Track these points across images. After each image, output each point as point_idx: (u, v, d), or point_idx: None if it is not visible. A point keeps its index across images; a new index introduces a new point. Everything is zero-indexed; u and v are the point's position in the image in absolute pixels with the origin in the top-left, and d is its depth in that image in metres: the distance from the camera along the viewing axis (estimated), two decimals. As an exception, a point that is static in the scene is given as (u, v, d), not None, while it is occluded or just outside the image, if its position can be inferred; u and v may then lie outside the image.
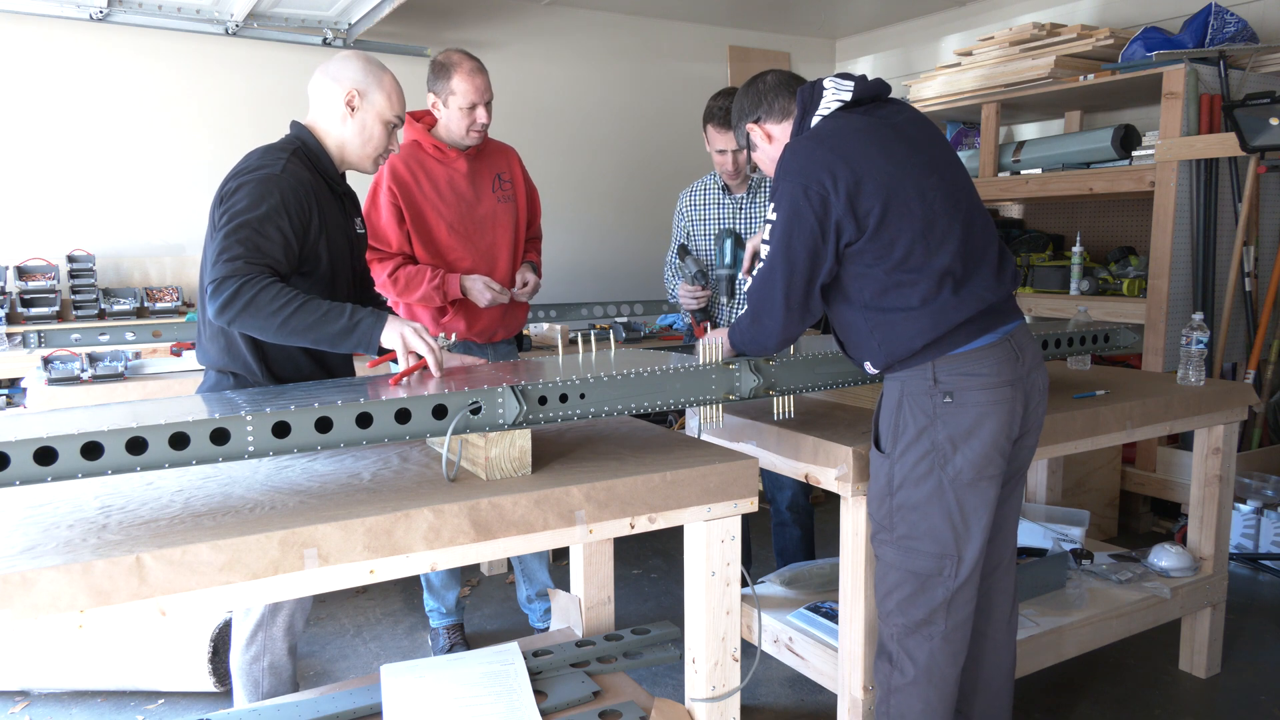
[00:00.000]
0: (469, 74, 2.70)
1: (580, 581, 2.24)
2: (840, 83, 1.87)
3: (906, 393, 1.81)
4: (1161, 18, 4.26)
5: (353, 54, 2.09)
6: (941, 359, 1.78)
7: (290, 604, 2.10)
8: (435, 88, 2.75)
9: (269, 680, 2.09)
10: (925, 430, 1.79)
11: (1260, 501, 3.61)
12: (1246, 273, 3.82)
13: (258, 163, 1.94)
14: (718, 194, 3.09)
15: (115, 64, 4.22)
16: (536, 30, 5.25)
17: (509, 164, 2.95)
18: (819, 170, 1.75)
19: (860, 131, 1.80)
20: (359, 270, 2.23)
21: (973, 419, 1.77)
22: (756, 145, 2.00)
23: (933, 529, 1.80)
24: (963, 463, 1.78)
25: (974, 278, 1.79)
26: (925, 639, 1.84)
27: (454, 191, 2.80)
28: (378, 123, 2.07)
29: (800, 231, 1.77)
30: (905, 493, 1.81)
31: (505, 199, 2.89)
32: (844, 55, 6.23)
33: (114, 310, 3.92)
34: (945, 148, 1.89)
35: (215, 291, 1.80)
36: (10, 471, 1.27)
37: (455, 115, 2.73)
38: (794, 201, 1.77)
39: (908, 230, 1.75)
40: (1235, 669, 2.80)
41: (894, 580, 1.86)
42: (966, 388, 1.77)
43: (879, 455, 1.86)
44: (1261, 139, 3.45)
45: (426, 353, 1.81)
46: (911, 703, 1.86)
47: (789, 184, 1.78)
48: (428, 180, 2.78)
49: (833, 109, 1.85)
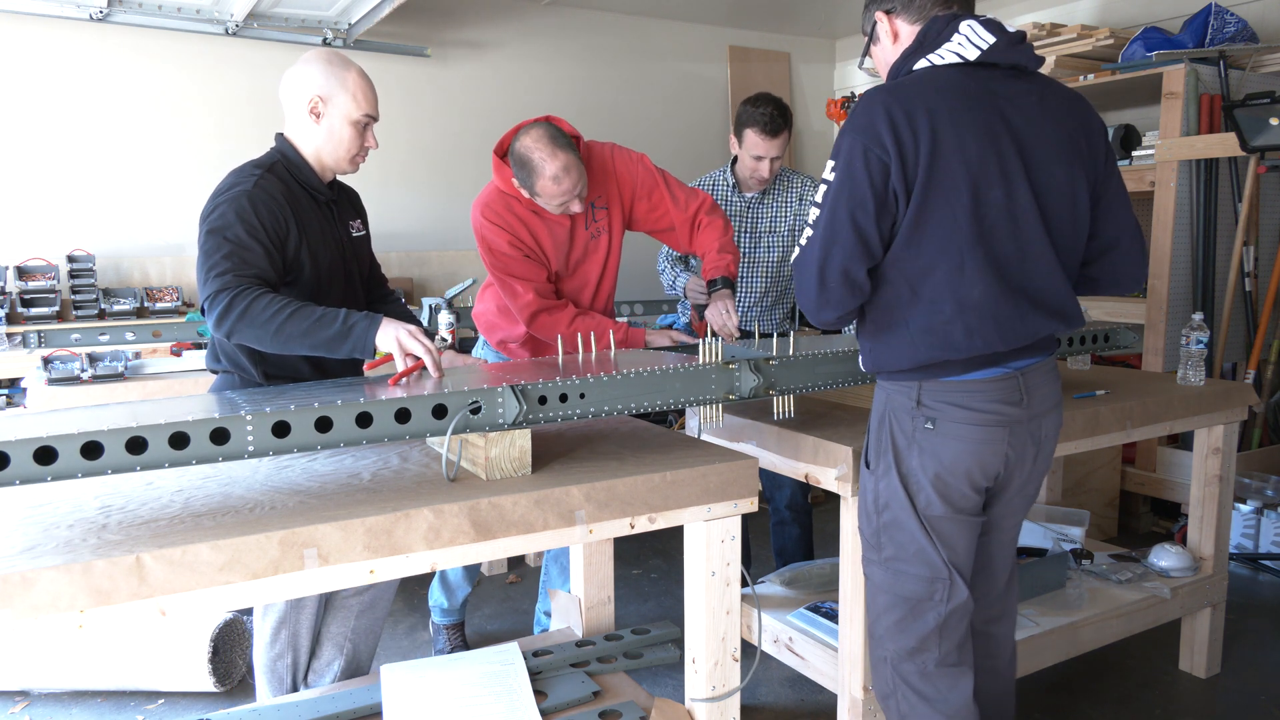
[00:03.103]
0: (553, 181, 2.33)
1: (580, 581, 2.24)
2: (976, 32, 1.59)
3: (890, 408, 1.69)
4: (1161, 18, 4.26)
5: (314, 56, 2.04)
6: (930, 381, 1.64)
7: (313, 601, 2.12)
8: (519, 178, 2.40)
9: (292, 677, 2.13)
10: (901, 450, 1.67)
11: (1260, 501, 3.61)
12: (1246, 273, 3.82)
13: (232, 182, 1.97)
14: (727, 191, 3.09)
15: (115, 64, 4.22)
16: (536, 30, 5.25)
17: (604, 183, 2.56)
18: (886, 134, 1.53)
19: (958, 107, 1.56)
20: (360, 274, 2.23)
21: (951, 453, 1.63)
22: (879, 38, 1.73)
23: (921, 551, 1.68)
24: (933, 495, 1.65)
25: (1001, 316, 1.58)
26: (920, 666, 1.73)
27: (552, 240, 2.53)
28: (346, 124, 2.04)
29: (851, 199, 1.56)
30: (890, 513, 1.70)
31: (598, 233, 2.59)
32: (844, 55, 6.23)
33: (114, 310, 3.93)
34: (1067, 154, 1.63)
35: (210, 307, 1.83)
36: (10, 471, 1.27)
37: (544, 203, 2.43)
38: (850, 162, 1.56)
39: (944, 246, 1.56)
40: (1235, 669, 2.80)
41: (883, 604, 1.75)
42: (951, 418, 1.62)
43: (865, 470, 1.75)
44: (1261, 139, 3.45)
45: (424, 353, 1.81)
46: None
47: (849, 140, 1.57)
48: (528, 232, 2.50)
49: (948, 60, 1.60)
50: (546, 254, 2.55)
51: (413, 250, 4.98)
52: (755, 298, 3.13)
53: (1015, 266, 1.60)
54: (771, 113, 2.88)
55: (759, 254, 3.11)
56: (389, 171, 4.86)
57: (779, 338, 2.08)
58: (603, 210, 2.59)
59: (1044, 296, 1.62)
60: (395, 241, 4.92)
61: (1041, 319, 1.62)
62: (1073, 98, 1.69)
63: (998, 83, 1.61)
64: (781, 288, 3.16)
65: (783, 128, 2.91)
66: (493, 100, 5.12)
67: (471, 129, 5.11)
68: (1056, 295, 1.64)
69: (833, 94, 6.26)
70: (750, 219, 3.09)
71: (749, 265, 3.10)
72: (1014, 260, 1.60)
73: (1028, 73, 1.65)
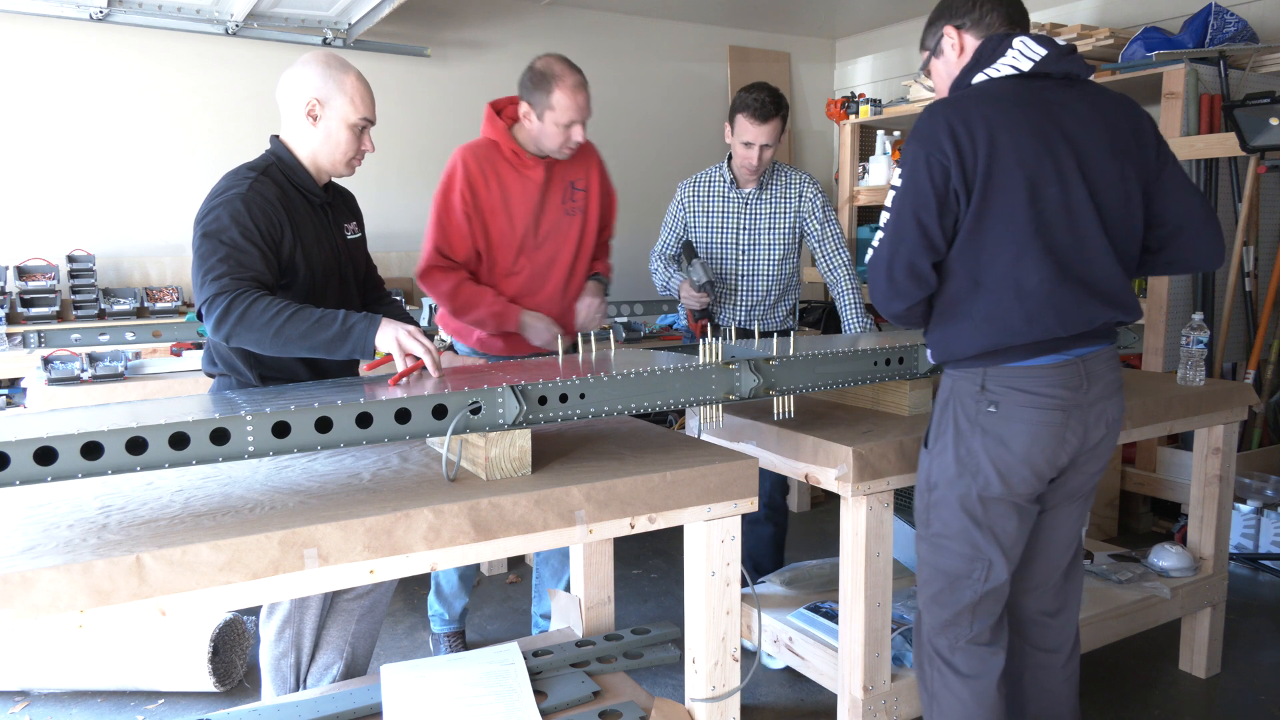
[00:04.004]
0: (572, 90, 2.47)
1: (580, 581, 2.24)
2: (1029, 46, 1.74)
3: (955, 393, 1.80)
4: (1161, 18, 4.26)
5: (312, 58, 2.04)
6: (994, 368, 1.74)
7: (317, 600, 2.13)
8: (531, 98, 2.51)
9: (295, 676, 2.14)
10: (963, 434, 1.77)
11: (1260, 501, 3.61)
12: (1246, 273, 3.82)
13: (226, 184, 1.97)
14: (724, 188, 3.05)
15: (115, 64, 4.22)
16: (536, 30, 5.25)
17: (586, 169, 2.73)
18: (946, 141, 1.67)
19: (1013, 112, 1.69)
20: (355, 276, 2.22)
21: (1011, 434, 1.73)
22: (943, 51, 1.87)
23: (964, 530, 1.80)
24: (991, 475, 1.75)
25: (1060, 304, 1.69)
26: (951, 640, 1.85)
27: (524, 203, 2.61)
28: (343, 128, 2.03)
29: (915, 199, 1.70)
30: (940, 491, 1.82)
31: (573, 211, 2.69)
32: (844, 55, 6.23)
33: (114, 310, 3.93)
34: (1118, 152, 1.74)
35: (207, 310, 1.83)
36: (10, 471, 1.27)
37: (550, 130, 2.52)
38: (914, 168, 1.70)
39: (1002, 239, 1.68)
40: (1235, 669, 2.80)
41: (924, 576, 1.88)
42: (1013, 402, 1.72)
43: (923, 450, 1.87)
44: (1261, 139, 3.45)
45: (423, 354, 1.81)
46: (955, 707, 1.85)
47: (913, 148, 1.71)
48: (499, 187, 2.60)
49: (1003, 73, 1.74)
50: (512, 209, 2.60)
51: (412, 250, 4.97)
52: (758, 296, 3.07)
53: (1073, 257, 1.71)
54: (763, 99, 2.83)
55: (758, 252, 3.05)
56: (388, 172, 4.86)
57: (779, 337, 2.07)
58: (581, 193, 2.72)
59: (1101, 285, 1.73)
60: (395, 242, 4.92)
61: (1099, 306, 1.72)
62: (1121, 99, 1.81)
63: (1050, 91, 1.74)
64: (783, 286, 3.09)
65: (774, 114, 2.85)
66: (493, 100, 5.12)
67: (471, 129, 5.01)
68: (1112, 284, 1.74)
69: (832, 94, 6.26)
70: (749, 216, 3.03)
71: (748, 263, 3.05)
72: (1071, 251, 1.70)
73: (1079, 80, 1.78)
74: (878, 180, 4.97)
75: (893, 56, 5.87)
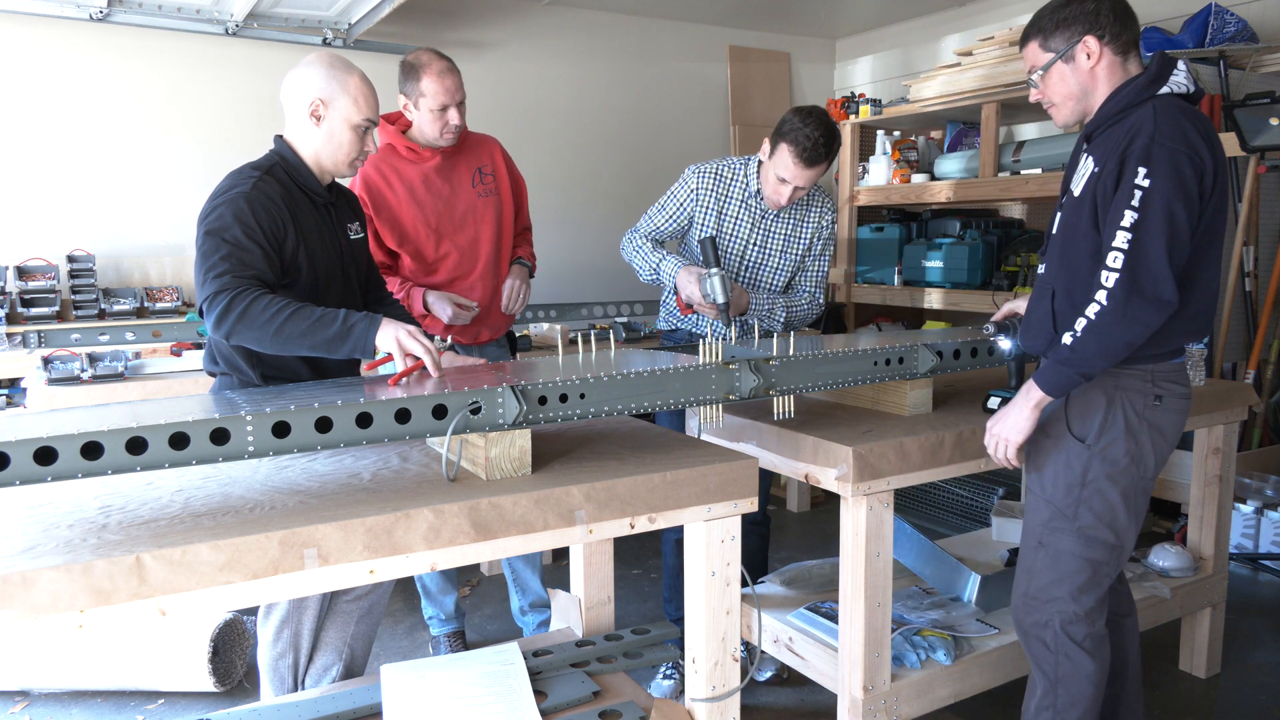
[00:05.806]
0: (438, 75, 2.61)
1: (580, 581, 2.24)
2: (1185, 72, 1.84)
3: (1120, 389, 1.88)
4: (1161, 18, 4.26)
5: (316, 58, 2.04)
6: (1162, 364, 1.89)
7: (315, 601, 2.13)
8: (405, 89, 2.68)
9: (293, 677, 2.13)
10: (1134, 427, 1.87)
11: (1260, 501, 3.61)
12: (1246, 273, 3.82)
13: (229, 184, 1.97)
14: (746, 192, 2.74)
15: (115, 64, 4.22)
16: (536, 30, 5.25)
17: (490, 156, 2.89)
18: (1199, 143, 1.73)
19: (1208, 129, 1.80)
20: (357, 276, 2.23)
21: (1168, 422, 1.90)
22: (1074, 58, 1.87)
23: (1115, 520, 1.89)
24: (1154, 461, 1.89)
25: (1208, 304, 1.88)
26: (1089, 624, 1.92)
27: (429, 190, 2.75)
28: (346, 128, 2.04)
29: (1185, 200, 1.71)
30: (1100, 484, 1.88)
31: (487, 193, 2.84)
32: (844, 55, 6.23)
33: (114, 310, 3.92)
34: None
35: (209, 308, 1.83)
36: (10, 471, 1.27)
37: (427, 118, 2.66)
38: (1178, 168, 1.71)
39: (1208, 248, 1.82)
40: (1235, 669, 2.80)
41: (1069, 568, 1.92)
42: (1171, 394, 1.89)
43: (1078, 445, 1.90)
44: (1261, 139, 3.45)
45: (423, 354, 1.81)
46: (1083, 687, 1.92)
47: (1168, 148, 1.71)
48: (400, 182, 2.72)
49: (1178, 91, 1.82)
50: (419, 197, 2.74)
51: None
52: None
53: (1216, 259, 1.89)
54: (816, 139, 2.48)
55: (764, 273, 2.80)
56: (389, 171, 4.85)
57: (779, 338, 2.07)
58: (490, 177, 2.87)
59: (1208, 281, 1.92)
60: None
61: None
62: None
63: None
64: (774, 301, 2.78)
65: (823, 159, 2.54)
66: (492, 100, 5.11)
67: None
68: None
69: (833, 94, 6.26)
70: (763, 231, 2.75)
71: (750, 276, 2.80)
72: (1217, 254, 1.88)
73: None
74: (878, 180, 4.96)
75: (893, 57, 5.86)
